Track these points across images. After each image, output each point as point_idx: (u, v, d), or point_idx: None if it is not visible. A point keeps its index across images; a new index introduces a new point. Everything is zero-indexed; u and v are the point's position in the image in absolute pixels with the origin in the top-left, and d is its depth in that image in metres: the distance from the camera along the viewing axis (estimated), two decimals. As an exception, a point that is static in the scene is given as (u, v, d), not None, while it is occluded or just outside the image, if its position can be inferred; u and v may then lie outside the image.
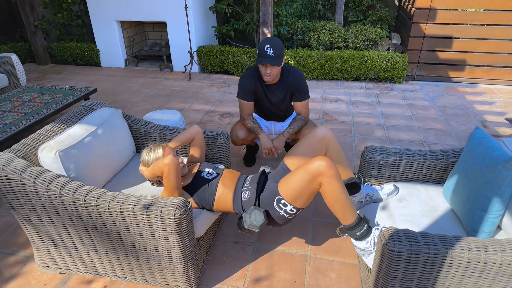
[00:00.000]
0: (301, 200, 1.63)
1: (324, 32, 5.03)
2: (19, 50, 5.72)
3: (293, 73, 2.46)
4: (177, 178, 1.67)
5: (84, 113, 2.08)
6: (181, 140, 1.99)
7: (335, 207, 1.61)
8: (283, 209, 1.66)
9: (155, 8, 5.05)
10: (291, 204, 1.64)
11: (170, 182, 1.66)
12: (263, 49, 2.25)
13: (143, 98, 4.38)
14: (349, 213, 1.61)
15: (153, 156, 1.81)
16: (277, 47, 2.25)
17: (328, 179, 1.54)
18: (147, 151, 1.84)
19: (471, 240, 1.33)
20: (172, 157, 1.66)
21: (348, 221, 1.62)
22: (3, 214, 2.37)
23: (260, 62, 2.26)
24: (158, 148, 1.83)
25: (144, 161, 1.84)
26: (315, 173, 1.55)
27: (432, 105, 4.11)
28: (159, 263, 1.66)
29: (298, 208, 1.66)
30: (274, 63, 2.24)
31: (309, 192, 1.61)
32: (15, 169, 1.55)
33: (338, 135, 3.41)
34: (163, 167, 1.65)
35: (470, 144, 1.68)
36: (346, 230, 1.64)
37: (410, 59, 4.83)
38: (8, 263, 1.98)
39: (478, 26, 4.55)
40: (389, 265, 1.36)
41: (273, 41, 2.26)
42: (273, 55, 2.24)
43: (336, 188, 1.56)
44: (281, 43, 2.29)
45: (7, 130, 2.74)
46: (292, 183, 1.62)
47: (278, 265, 1.95)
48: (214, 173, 1.88)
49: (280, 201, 1.66)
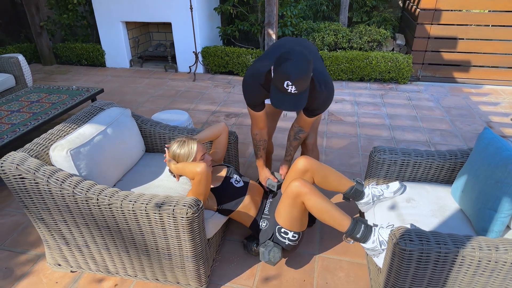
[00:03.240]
0: (296, 224, 1.75)
1: (329, 33, 5.04)
2: (25, 50, 5.75)
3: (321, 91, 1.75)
4: (207, 185, 1.67)
5: (94, 113, 2.10)
6: (209, 135, 2.01)
7: (325, 219, 1.68)
8: (286, 238, 1.77)
9: (160, 9, 5.07)
10: (290, 230, 1.76)
11: (199, 189, 1.66)
12: (282, 84, 1.52)
13: (149, 98, 4.40)
14: (341, 220, 1.66)
15: (186, 150, 1.75)
16: (301, 80, 1.50)
17: (305, 197, 1.65)
18: (179, 144, 1.77)
19: (482, 239, 1.34)
20: (205, 166, 1.63)
21: (344, 227, 1.67)
22: (13, 213, 2.39)
23: (277, 106, 1.59)
24: (191, 143, 1.77)
25: (174, 153, 1.77)
26: (293, 195, 1.66)
27: (437, 106, 4.11)
28: (170, 261, 1.67)
29: (298, 232, 1.77)
30: (296, 108, 1.57)
31: (298, 214, 1.72)
32: (29, 168, 1.57)
33: (344, 136, 3.42)
34: (195, 174, 1.63)
35: (479, 145, 1.69)
36: (347, 236, 1.68)
37: (415, 60, 4.83)
38: (19, 261, 2.00)
39: (482, 27, 4.55)
40: (400, 264, 1.37)
41: (296, 71, 1.49)
42: (296, 92, 1.54)
43: (315, 202, 1.65)
44: (306, 66, 1.51)
45: (16, 130, 2.76)
46: (282, 210, 1.74)
47: (287, 265, 1.96)
48: (242, 181, 1.92)
49: (280, 230, 1.77)
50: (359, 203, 1.95)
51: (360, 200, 1.92)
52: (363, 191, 1.90)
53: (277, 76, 1.54)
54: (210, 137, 2.02)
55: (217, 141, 2.06)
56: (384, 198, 1.88)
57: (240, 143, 3.22)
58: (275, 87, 1.58)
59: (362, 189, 1.91)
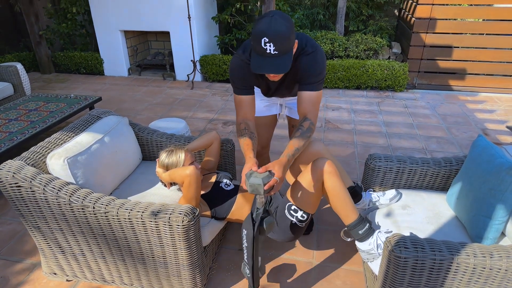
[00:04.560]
0: (309, 203, 1.68)
1: (326, 41, 5.09)
2: (23, 59, 5.78)
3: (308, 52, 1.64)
4: (197, 189, 1.68)
5: (92, 121, 2.11)
6: (200, 144, 2.01)
7: (336, 204, 1.66)
8: (295, 216, 1.70)
9: (158, 18, 5.12)
10: (301, 209, 1.69)
11: (190, 193, 1.67)
12: (259, 43, 1.40)
13: (147, 106, 4.42)
14: (350, 211, 1.66)
15: (174, 159, 1.77)
16: (280, 36, 1.39)
17: (328, 175, 1.62)
18: (167, 153, 1.80)
19: (476, 246, 1.35)
20: (194, 168, 1.65)
21: (350, 219, 1.66)
22: (9, 221, 2.39)
23: (257, 70, 1.47)
24: (179, 152, 1.80)
25: (163, 163, 1.80)
26: (317, 171, 1.63)
27: (433, 113, 4.14)
28: (166, 270, 1.67)
29: (308, 213, 1.70)
30: (277, 71, 1.46)
31: (314, 193, 1.66)
32: (25, 176, 1.58)
33: (341, 143, 3.44)
34: (185, 177, 1.64)
35: (473, 152, 1.71)
36: (349, 229, 1.67)
37: (411, 68, 4.88)
38: (15, 270, 1.99)
39: (477, 36, 4.61)
40: (396, 272, 1.37)
41: (273, 26, 1.38)
42: (276, 52, 1.41)
43: (336, 184, 1.63)
44: (285, 23, 1.40)
45: (14, 138, 2.76)
46: (298, 186, 1.68)
47: (284, 272, 1.96)
48: (232, 184, 1.91)
49: (290, 207, 1.70)
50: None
51: (355, 203, 1.93)
52: (361, 195, 1.91)
53: (254, 34, 1.41)
54: (201, 146, 2.02)
55: (210, 150, 2.07)
56: (380, 204, 1.89)
57: (237, 150, 3.23)
58: (254, 50, 1.46)
59: (361, 192, 1.92)
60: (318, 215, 2.41)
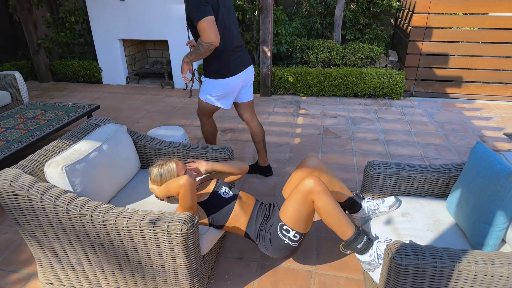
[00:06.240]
0: (301, 223, 1.69)
1: (323, 50, 5.13)
2: (22, 68, 5.79)
3: None
4: (192, 197, 1.65)
5: (90, 129, 2.11)
6: (227, 169, 1.97)
7: (330, 223, 1.66)
8: (287, 236, 1.71)
9: (157, 27, 5.15)
10: (293, 229, 1.69)
11: (186, 202, 1.64)
12: None
13: (145, 114, 4.42)
14: (346, 227, 1.64)
15: (165, 172, 1.75)
16: None
17: (317, 196, 1.61)
18: (158, 167, 1.78)
19: (477, 253, 1.34)
20: (188, 177, 1.62)
21: (347, 235, 1.65)
22: (5, 231, 2.36)
23: None
24: (170, 163, 1.78)
25: (155, 179, 1.77)
26: (305, 192, 1.62)
27: (430, 121, 4.16)
28: (164, 279, 1.65)
29: (300, 233, 1.71)
30: None
31: (305, 213, 1.67)
32: (23, 185, 1.56)
33: (339, 151, 3.44)
34: (179, 188, 1.62)
35: (472, 159, 1.71)
36: (347, 244, 1.66)
37: (408, 76, 4.92)
38: (10, 280, 1.96)
39: (473, 44, 4.66)
40: (397, 279, 1.36)
41: None
42: None
43: (327, 203, 1.62)
44: None
45: (11, 146, 2.75)
46: (289, 207, 1.69)
47: (283, 281, 1.94)
48: (231, 193, 1.89)
49: (282, 227, 1.71)
50: (355, 216, 1.95)
51: (355, 213, 1.92)
52: (360, 204, 1.91)
53: None
54: (227, 171, 1.98)
55: (230, 174, 2.03)
56: (379, 212, 1.88)
57: (236, 158, 3.23)
58: None
59: (360, 201, 1.91)
60: (318, 223, 2.40)
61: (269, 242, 1.75)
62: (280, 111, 4.44)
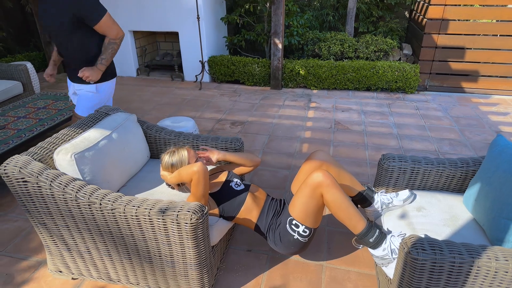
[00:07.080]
0: (310, 218, 1.65)
1: (335, 42, 5.04)
2: (33, 59, 5.83)
3: None
4: (205, 185, 1.62)
5: (100, 118, 2.09)
6: (239, 160, 1.93)
7: (340, 216, 1.62)
8: (296, 231, 1.67)
9: (167, 18, 5.12)
10: (302, 224, 1.66)
11: (199, 190, 1.61)
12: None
13: (155, 106, 4.41)
14: (356, 221, 1.60)
15: (177, 159, 1.73)
16: None
17: (326, 189, 1.58)
18: (169, 154, 1.76)
19: (498, 249, 1.28)
20: (202, 164, 1.60)
21: (358, 229, 1.61)
22: (16, 219, 2.37)
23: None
24: (181, 151, 1.76)
25: (167, 165, 1.74)
26: (314, 185, 1.59)
27: (445, 115, 4.06)
28: (173, 269, 1.63)
29: (310, 228, 1.67)
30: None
31: (314, 207, 1.63)
32: (32, 171, 1.55)
33: (351, 144, 3.37)
34: (192, 174, 1.59)
35: (493, 152, 1.64)
36: (359, 238, 1.61)
37: (422, 70, 4.80)
38: (20, 268, 1.97)
39: (490, 37, 4.52)
40: (412, 275, 1.31)
41: None
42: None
43: (336, 196, 1.58)
44: None
45: (22, 135, 2.76)
46: (298, 201, 1.65)
47: (293, 275, 1.90)
48: (242, 185, 1.86)
49: (292, 222, 1.67)
50: (367, 210, 1.90)
51: (368, 207, 1.87)
52: (373, 197, 1.86)
53: None
54: (239, 162, 1.94)
55: (242, 168, 1.98)
56: (393, 206, 1.83)
57: (245, 150, 3.19)
58: None
59: (373, 195, 1.86)
60: (328, 216, 2.35)
61: (278, 238, 1.72)
62: (291, 104, 4.39)
